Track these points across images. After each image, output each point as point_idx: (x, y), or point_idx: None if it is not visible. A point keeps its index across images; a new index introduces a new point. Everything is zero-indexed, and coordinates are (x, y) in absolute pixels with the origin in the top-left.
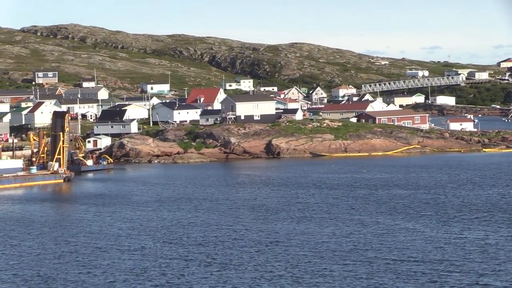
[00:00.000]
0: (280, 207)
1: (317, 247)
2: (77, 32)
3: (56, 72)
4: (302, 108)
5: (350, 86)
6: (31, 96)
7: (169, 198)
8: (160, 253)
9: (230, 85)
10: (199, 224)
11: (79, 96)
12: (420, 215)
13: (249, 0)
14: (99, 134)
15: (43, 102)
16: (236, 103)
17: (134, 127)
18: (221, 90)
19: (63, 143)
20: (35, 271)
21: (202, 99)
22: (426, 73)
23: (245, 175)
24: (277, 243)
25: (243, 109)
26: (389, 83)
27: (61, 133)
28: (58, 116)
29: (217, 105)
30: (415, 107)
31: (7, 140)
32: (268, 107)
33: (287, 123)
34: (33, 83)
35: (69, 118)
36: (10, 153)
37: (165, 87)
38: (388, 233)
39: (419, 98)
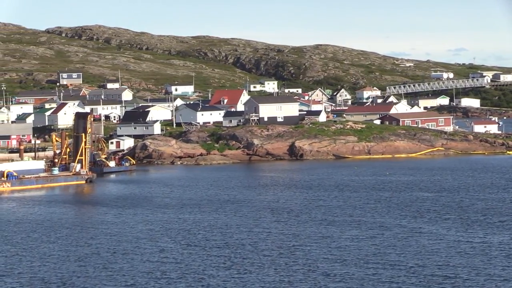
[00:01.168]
0: (302, 210)
1: (338, 251)
2: (102, 33)
3: (81, 73)
4: (326, 110)
5: (375, 88)
6: (55, 97)
7: (191, 200)
8: (180, 256)
9: (254, 87)
10: (220, 226)
11: (102, 97)
12: (443, 219)
13: (274, 2)
14: (122, 135)
15: (66, 103)
16: (259, 104)
17: (157, 129)
18: (245, 92)
19: (85, 144)
20: (55, 273)
21: (225, 101)
22: (451, 75)
23: (267, 177)
24: (298, 246)
25: (266, 110)
26: (414, 85)
27: (83, 134)
28: (80, 117)
29: (240, 107)
30: (440, 109)
31: (30, 141)
32: (291, 109)
33: (310, 125)
34: (58, 84)
35: (92, 119)
36: (33, 154)
37: (189, 89)
38: (411, 237)
39: (444, 100)
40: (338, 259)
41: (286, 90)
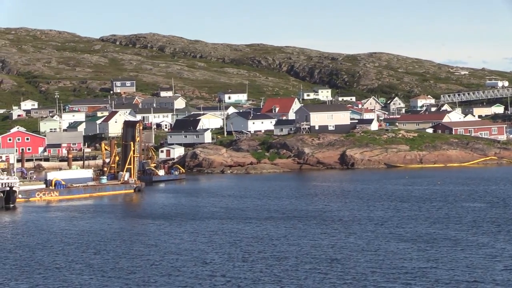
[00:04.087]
0: (352, 221)
1: (387, 264)
2: (156, 41)
3: (134, 81)
4: (379, 118)
5: (429, 96)
6: (108, 106)
7: (239, 210)
8: (222, 269)
9: (308, 95)
10: (267, 238)
11: (154, 105)
12: (497, 231)
13: (328, 10)
14: (172, 144)
15: (117, 111)
16: (310, 113)
17: (207, 137)
18: (296, 100)
19: (133, 153)
20: (98, 286)
21: (277, 109)
22: (506, 83)
23: (318, 187)
24: (347, 259)
25: (317, 119)
26: (468, 93)
27: (132, 143)
28: (129, 126)
29: (292, 115)
30: (494, 117)
31: (80, 150)
32: (343, 117)
33: (361, 134)
34: (111, 92)
35: (141, 127)
36: (81, 162)
37: (242, 97)
38: (464, 250)
39: (499, 109)
40: (386, 273)
41: (340, 98)
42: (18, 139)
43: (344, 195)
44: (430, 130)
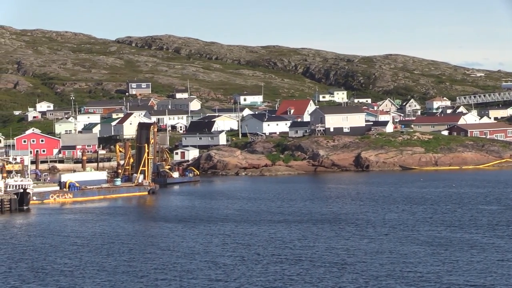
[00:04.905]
0: (366, 223)
1: (400, 268)
2: (172, 43)
3: (150, 83)
4: (395, 120)
5: (445, 98)
6: (123, 107)
7: (253, 212)
8: (236, 271)
9: (323, 97)
10: (279, 240)
11: (169, 107)
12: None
13: (344, 12)
14: (187, 146)
15: (131, 113)
16: (325, 115)
17: (222, 139)
18: (311, 102)
19: (148, 155)
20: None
21: (292, 111)
22: None
23: (332, 189)
24: (360, 262)
25: (332, 121)
26: (484, 95)
27: (146, 145)
28: (143, 128)
29: (307, 117)
30: (510, 119)
31: (95, 151)
32: (358, 119)
33: (376, 136)
34: (127, 94)
35: (155, 129)
36: (95, 164)
37: (258, 99)
38: (479, 254)
39: None
40: (400, 276)
41: (356, 100)
42: (33, 141)
43: (359, 197)
44: (445, 132)
